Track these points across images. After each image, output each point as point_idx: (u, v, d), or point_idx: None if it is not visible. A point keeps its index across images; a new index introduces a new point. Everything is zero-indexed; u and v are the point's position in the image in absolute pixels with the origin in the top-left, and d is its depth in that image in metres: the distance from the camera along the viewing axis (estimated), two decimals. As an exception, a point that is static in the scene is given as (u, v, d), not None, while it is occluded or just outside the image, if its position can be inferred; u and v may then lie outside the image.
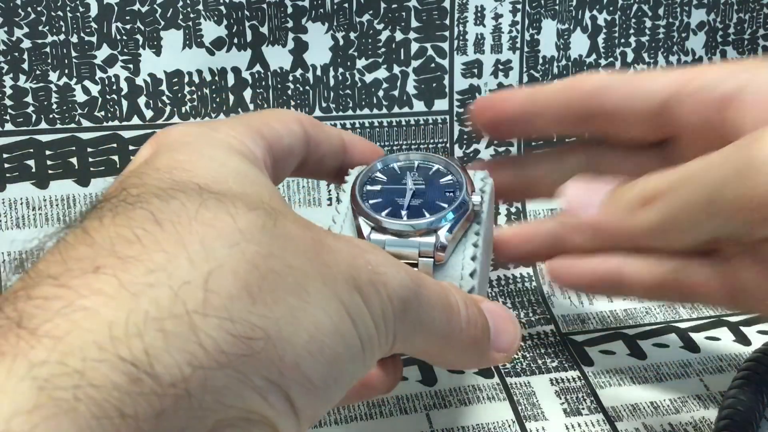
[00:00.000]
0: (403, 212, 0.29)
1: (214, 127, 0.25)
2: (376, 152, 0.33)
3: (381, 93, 0.45)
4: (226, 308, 0.18)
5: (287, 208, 0.22)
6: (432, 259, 0.28)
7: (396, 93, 0.46)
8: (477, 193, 0.30)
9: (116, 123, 0.43)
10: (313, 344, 0.19)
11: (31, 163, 0.42)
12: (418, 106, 0.46)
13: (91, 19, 0.41)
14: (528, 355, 0.41)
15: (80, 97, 0.42)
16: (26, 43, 0.41)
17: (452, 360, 0.27)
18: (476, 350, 0.26)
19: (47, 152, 0.42)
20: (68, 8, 0.41)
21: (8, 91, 0.41)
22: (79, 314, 0.16)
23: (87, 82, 0.42)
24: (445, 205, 0.29)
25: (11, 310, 0.17)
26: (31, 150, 0.42)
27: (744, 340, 0.42)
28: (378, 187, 0.31)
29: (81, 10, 0.41)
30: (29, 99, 0.41)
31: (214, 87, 0.43)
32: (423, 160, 0.32)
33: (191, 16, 0.42)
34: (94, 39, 0.41)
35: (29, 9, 0.40)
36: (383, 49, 0.45)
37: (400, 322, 0.22)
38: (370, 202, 0.30)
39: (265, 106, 0.44)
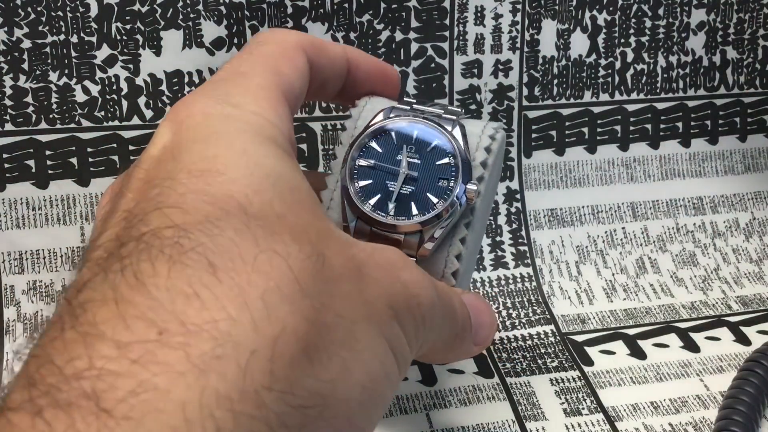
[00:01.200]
0: (391, 205, 0.28)
1: (237, 102, 0.24)
2: (384, 76, 0.32)
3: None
4: (288, 379, 0.18)
5: (325, 221, 0.22)
6: (415, 258, 0.28)
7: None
8: (474, 180, 0.28)
9: (116, 123, 0.43)
10: (365, 395, 0.20)
11: (31, 163, 0.42)
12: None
13: (91, 19, 0.41)
14: (528, 355, 0.41)
15: (80, 97, 0.42)
16: (26, 43, 0.41)
17: (440, 358, 0.27)
18: (461, 346, 0.27)
19: (47, 152, 0.42)
20: (68, 8, 0.41)
21: (8, 91, 0.41)
22: (151, 394, 0.16)
23: (87, 82, 0.42)
24: (436, 201, 0.28)
25: (82, 383, 0.16)
26: (31, 150, 0.42)
27: (744, 340, 0.42)
28: (371, 162, 0.29)
29: (81, 10, 0.41)
30: (29, 99, 0.41)
31: (214, 87, 0.43)
32: (424, 129, 0.29)
33: (191, 16, 0.42)
34: (94, 39, 0.41)
35: (29, 9, 0.40)
36: (383, 49, 0.45)
37: (426, 333, 0.23)
38: (360, 184, 0.28)
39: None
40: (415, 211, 0.28)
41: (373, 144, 0.29)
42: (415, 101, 0.31)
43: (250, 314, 0.17)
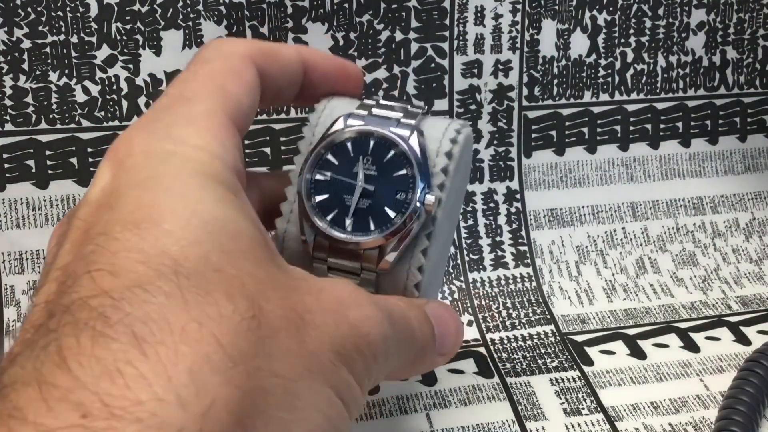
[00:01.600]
0: (348, 221, 0.27)
1: (178, 136, 0.22)
2: (346, 74, 0.30)
3: (381, 93, 0.45)
4: None
5: (267, 267, 0.21)
6: (375, 273, 0.27)
7: (396, 93, 0.46)
8: (433, 189, 0.27)
9: (116, 123, 0.43)
10: None
11: (31, 163, 0.42)
12: (420, 103, 0.46)
13: (91, 20, 0.41)
14: (528, 355, 0.41)
15: (80, 97, 0.42)
16: (26, 44, 0.41)
17: (403, 376, 0.27)
18: (423, 362, 0.27)
19: (47, 152, 0.42)
20: (68, 8, 0.41)
21: (8, 91, 0.41)
22: None
23: (87, 82, 0.42)
24: (393, 215, 0.27)
25: None
26: (31, 150, 0.42)
27: (744, 340, 0.42)
28: (327, 176, 0.28)
29: (81, 10, 0.41)
30: (29, 99, 0.41)
31: (214, 87, 0.43)
32: (380, 139, 0.28)
33: (191, 16, 0.42)
34: (94, 39, 0.41)
35: (29, 9, 0.40)
36: (383, 49, 0.45)
37: (378, 367, 0.23)
38: (317, 199, 0.27)
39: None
40: (372, 226, 0.27)
41: (329, 156, 0.28)
42: (374, 103, 0.29)
43: (176, 391, 0.17)
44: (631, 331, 0.43)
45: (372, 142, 0.28)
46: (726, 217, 0.50)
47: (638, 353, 0.41)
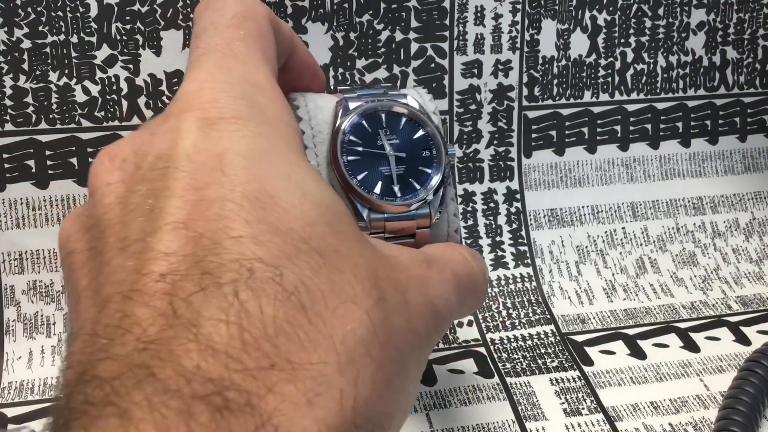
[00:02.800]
0: (395, 188, 0.30)
1: (260, 104, 0.24)
2: (313, 66, 0.33)
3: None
4: (366, 414, 0.19)
5: (367, 246, 0.23)
6: (428, 228, 0.30)
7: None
8: (451, 147, 0.31)
9: (116, 123, 0.43)
10: (406, 412, 0.23)
11: (31, 163, 0.42)
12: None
13: (91, 20, 0.41)
14: (528, 355, 0.41)
15: (80, 97, 0.42)
16: (26, 44, 0.41)
17: (468, 314, 0.31)
18: (480, 301, 0.30)
19: (47, 152, 0.42)
20: (68, 8, 0.41)
21: (8, 92, 0.41)
22: (282, 419, 0.18)
23: (87, 82, 0.42)
24: (429, 171, 0.30)
25: (241, 397, 0.17)
26: (31, 150, 0.42)
27: (744, 340, 0.42)
28: (357, 157, 0.30)
29: (81, 10, 0.41)
30: (29, 99, 0.41)
31: (214, 87, 0.43)
32: (387, 109, 0.31)
33: (191, 16, 0.42)
34: (94, 39, 0.41)
35: (29, 9, 0.40)
36: (383, 49, 0.45)
37: (439, 336, 0.26)
38: (358, 177, 0.29)
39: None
40: (417, 186, 0.30)
41: (352, 137, 0.30)
42: (354, 87, 0.32)
43: (337, 357, 0.19)
44: (631, 331, 0.43)
45: (383, 115, 0.31)
46: (726, 217, 0.50)
47: (638, 353, 0.41)
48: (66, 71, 0.42)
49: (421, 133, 0.31)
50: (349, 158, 0.30)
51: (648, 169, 0.50)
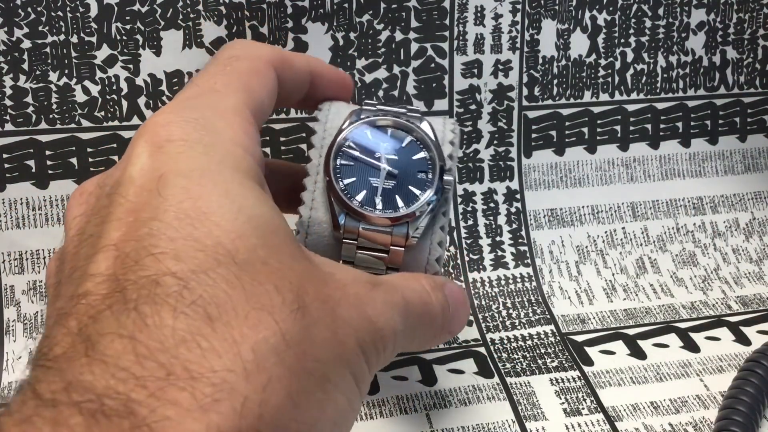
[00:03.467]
0: (377, 199, 0.29)
1: (214, 128, 0.25)
2: (343, 83, 0.33)
3: (381, 93, 0.45)
4: (274, 422, 0.20)
5: (303, 261, 0.23)
6: (403, 248, 0.29)
7: (396, 93, 0.46)
8: (449, 173, 0.30)
9: (116, 123, 0.43)
10: (335, 429, 0.22)
11: (31, 163, 0.42)
12: (418, 106, 0.46)
13: (91, 20, 0.41)
14: (528, 355, 0.41)
15: (80, 97, 0.42)
16: (26, 44, 0.41)
17: (417, 350, 0.30)
18: (438, 337, 0.29)
19: (47, 152, 0.42)
20: (68, 8, 0.41)
21: (8, 91, 0.41)
22: (166, 423, 0.18)
23: (87, 82, 0.42)
24: (418, 192, 0.30)
25: (119, 403, 0.18)
26: (31, 150, 0.42)
27: (744, 340, 0.42)
28: (351, 162, 0.30)
29: (81, 10, 0.41)
30: (29, 99, 0.41)
31: (214, 87, 0.43)
32: (397, 126, 0.31)
33: (191, 16, 0.42)
34: (94, 39, 0.41)
35: (29, 9, 0.40)
36: (383, 49, 0.45)
37: (388, 358, 0.25)
38: (345, 182, 0.30)
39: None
40: (400, 203, 0.29)
41: (351, 144, 0.30)
42: (376, 102, 0.32)
43: (243, 365, 0.19)
44: (631, 331, 0.43)
45: (389, 130, 0.31)
46: (726, 217, 0.50)
47: (638, 353, 0.41)
48: (66, 71, 0.42)
49: (421, 155, 0.31)
50: (342, 162, 0.30)
51: (648, 169, 0.50)
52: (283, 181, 0.33)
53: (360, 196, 0.29)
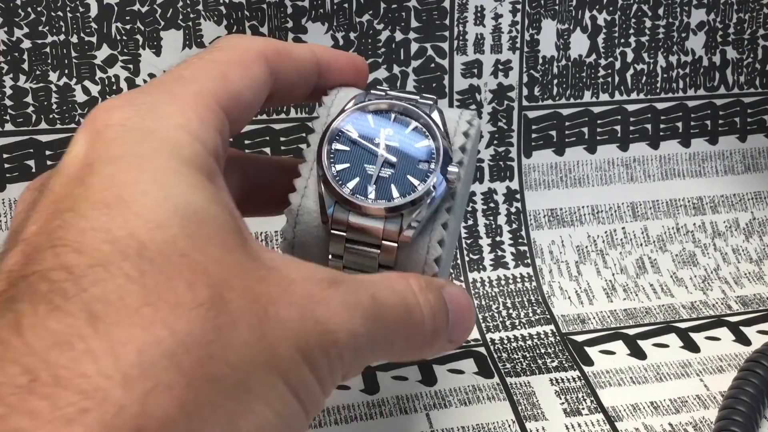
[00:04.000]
0: (371, 188, 0.27)
1: (161, 113, 0.22)
2: (356, 69, 0.31)
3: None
4: None
5: (236, 254, 0.21)
6: (395, 244, 0.27)
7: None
8: (454, 164, 0.27)
9: (116, 123, 0.43)
10: None
11: (31, 163, 0.42)
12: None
13: (91, 20, 0.41)
14: (528, 355, 0.41)
15: (80, 97, 0.42)
16: (26, 44, 0.41)
17: (405, 359, 0.26)
18: (431, 345, 0.26)
19: (47, 152, 0.42)
20: (68, 8, 0.41)
21: (8, 92, 0.41)
22: None
23: (87, 83, 0.42)
24: (417, 183, 0.27)
25: None
26: (31, 150, 0.42)
27: (744, 340, 0.42)
28: (347, 147, 0.28)
29: (81, 10, 0.41)
30: (29, 99, 0.41)
31: (214, 87, 0.43)
32: (402, 111, 0.29)
33: (191, 16, 0.42)
34: (94, 39, 0.41)
35: (29, 9, 0.40)
36: (383, 50, 0.45)
37: (351, 366, 0.22)
38: (337, 168, 0.27)
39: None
40: (396, 193, 0.27)
41: (349, 127, 0.28)
42: (388, 88, 0.30)
43: (123, 369, 0.17)
44: (631, 331, 0.43)
45: (393, 114, 0.29)
46: (726, 217, 0.50)
47: (638, 353, 0.41)
48: (66, 71, 0.42)
49: (426, 143, 0.28)
50: (337, 147, 0.28)
51: (648, 169, 0.50)
52: (274, 178, 0.31)
53: (351, 184, 0.27)
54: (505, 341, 0.42)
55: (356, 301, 0.22)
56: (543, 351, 0.41)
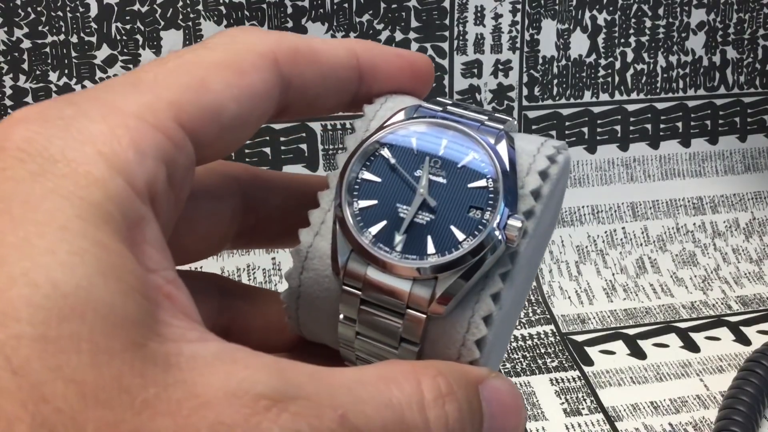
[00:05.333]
0: (399, 237, 0.20)
1: (75, 133, 0.17)
2: (413, 72, 0.24)
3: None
4: None
5: (115, 362, 0.14)
6: (424, 315, 0.20)
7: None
8: (519, 215, 0.20)
9: (116, 123, 0.43)
10: None
11: (31, 163, 0.42)
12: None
13: (91, 20, 0.41)
14: (528, 355, 0.41)
15: (80, 97, 0.42)
16: (26, 44, 0.41)
17: None
18: None
19: (47, 152, 0.42)
20: (68, 8, 0.41)
21: (8, 91, 0.41)
22: None
23: (87, 83, 0.42)
24: (462, 237, 0.20)
25: None
26: (31, 150, 0.42)
27: (744, 340, 0.42)
28: (377, 178, 0.21)
29: (81, 10, 0.41)
30: (29, 99, 0.41)
31: (214, 87, 0.43)
32: (457, 139, 0.21)
33: (191, 16, 0.42)
34: (94, 39, 0.41)
35: (29, 9, 0.40)
36: (383, 49, 0.45)
37: None
38: (361, 204, 0.21)
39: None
40: (431, 249, 0.20)
41: (385, 152, 0.21)
42: (450, 102, 0.23)
43: None
44: (631, 331, 0.43)
45: (445, 140, 0.21)
46: (726, 217, 0.50)
47: (638, 353, 0.41)
48: (66, 71, 0.42)
49: (480, 183, 0.21)
50: (365, 176, 0.21)
51: (648, 169, 0.50)
52: (290, 201, 0.24)
53: (375, 228, 0.20)
54: (505, 341, 0.42)
55: (314, 427, 0.15)
56: (543, 351, 0.41)
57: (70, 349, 0.14)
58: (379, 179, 0.21)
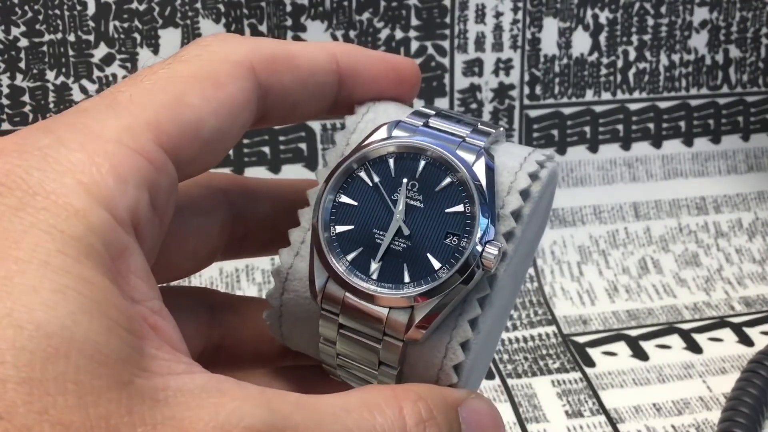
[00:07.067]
0: (374, 265, 0.20)
1: (53, 163, 0.16)
2: (398, 76, 0.23)
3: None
4: None
5: (100, 403, 0.14)
6: (401, 342, 0.20)
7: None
8: (495, 241, 0.20)
9: (114, 122, 0.42)
10: None
11: (28, 162, 0.42)
12: (418, 105, 0.46)
13: (88, 18, 0.41)
14: (529, 357, 0.41)
15: (77, 96, 0.42)
16: (23, 42, 0.41)
17: None
18: None
19: (44, 152, 0.42)
20: (65, 7, 0.41)
21: (5, 90, 0.41)
22: None
23: (84, 81, 0.42)
24: (438, 266, 0.20)
25: None
26: (28, 149, 0.42)
27: (747, 341, 0.42)
28: (354, 201, 0.21)
29: (78, 8, 0.41)
30: (26, 98, 0.41)
31: (212, 86, 0.43)
32: (435, 159, 0.21)
33: (189, 14, 0.42)
34: (91, 38, 0.41)
35: (26, 7, 0.40)
36: (383, 48, 0.45)
37: None
38: (337, 229, 0.21)
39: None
40: (407, 278, 0.20)
41: (362, 174, 0.21)
42: (434, 113, 0.22)
43: None
44: (634, 332, 0.43)
45: (422, 163, 0.21)
46: (729, 217, 0.49)
47: (640, 354, 0.41)
48: (63, 70, 0.41)
49: (458, 209, 0.20)
50: (342, 199, 0.21)
51: (650, 169, 0.49)
52: (280, 209, 0.24)
53: (352, 255, 0.20)
54: (507, 342, 0.42)
55: None
56: (545, 352, 0.41)
57: (56, 390, 0.14)
58: (355, 203, 0.21)
